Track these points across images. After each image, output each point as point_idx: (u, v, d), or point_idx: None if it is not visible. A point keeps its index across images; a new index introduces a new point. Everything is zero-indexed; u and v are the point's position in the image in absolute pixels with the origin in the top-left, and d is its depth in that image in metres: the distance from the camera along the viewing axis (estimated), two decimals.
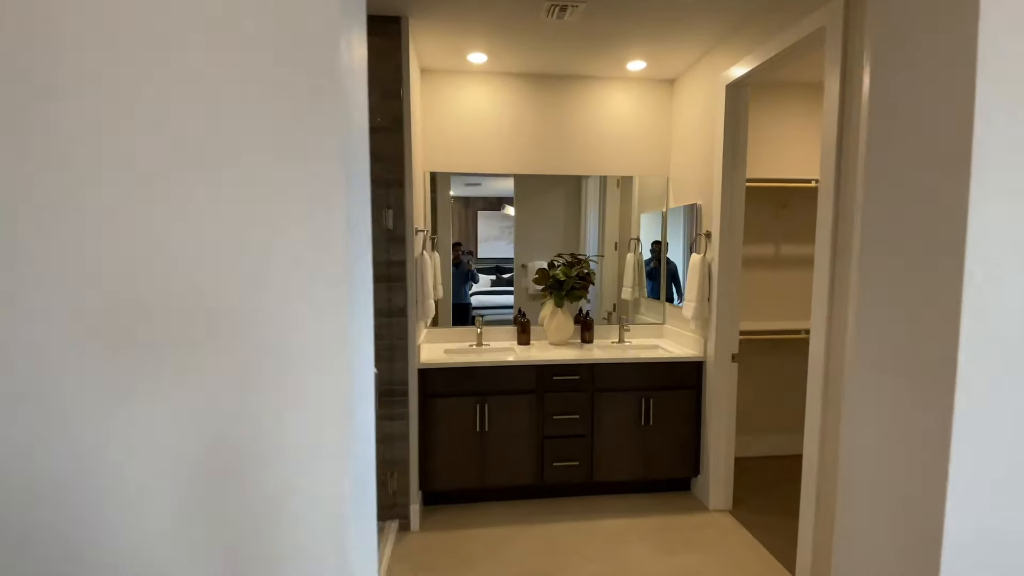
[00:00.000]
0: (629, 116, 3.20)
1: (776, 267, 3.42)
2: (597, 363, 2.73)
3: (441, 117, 3.05)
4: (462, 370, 2.64)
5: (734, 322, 2.66)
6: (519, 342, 3.10)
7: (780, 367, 3.47)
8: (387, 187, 2.39)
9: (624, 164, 3.24)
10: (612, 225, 3.32)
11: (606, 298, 3.36)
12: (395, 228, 2.41)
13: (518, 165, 3.15)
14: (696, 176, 2.87)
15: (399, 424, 2.50)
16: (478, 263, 3.28)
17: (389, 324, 2.45)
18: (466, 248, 3.25)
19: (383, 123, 2.36)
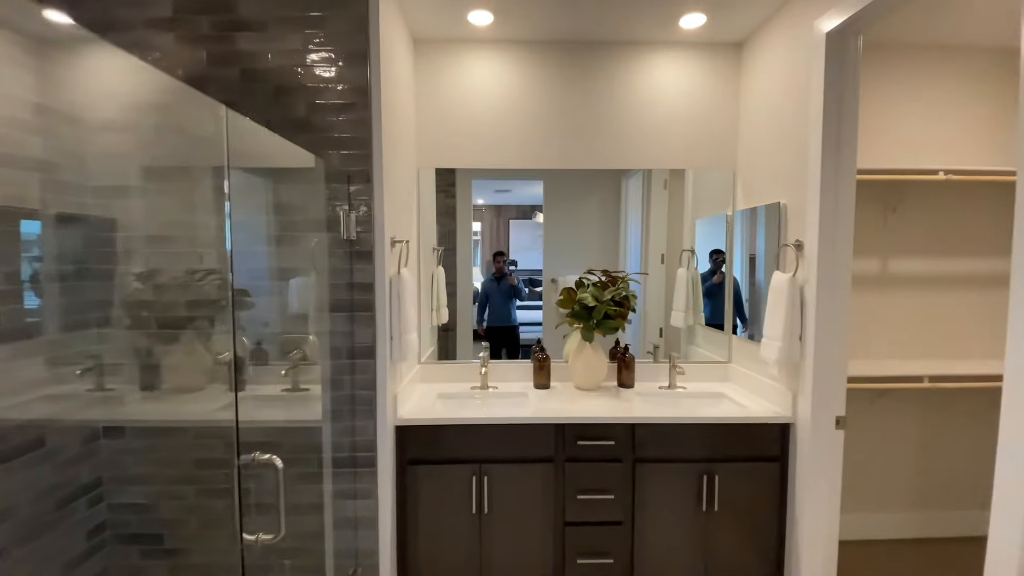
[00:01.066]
0: (682, 92, 2.45)
1: (883, 289, 2.57)
2: (640, 423, 1.98)
3: (441, 100, 2.41)
4: (453, 428, 1.96)
5: (839, 371, 1.85)
6: (536, 384, 2.39)
7: (897, 423, 2.58)
8: (347, 183, 1.76)
9: (675, 155, 2.49)
10: (658, 234, 2.58)
11: (651, 325, 2.60)
12: (360, 240, 1.77)
13: (539, 158, 2.47)
14: (778, 166, 2.09)
15: (364, 504, 1.84)
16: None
17: (351, 368, 1.80)
18: (509, 258, 2.62)
19: (349, 98, 1.73)
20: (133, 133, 1.76)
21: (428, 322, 2.54)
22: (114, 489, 1.85)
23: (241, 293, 1.86)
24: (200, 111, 1.65)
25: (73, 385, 1.73)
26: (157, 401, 1.86)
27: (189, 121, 1.67)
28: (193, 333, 1.84)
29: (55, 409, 1.66)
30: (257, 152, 1.76)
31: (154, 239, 1.80)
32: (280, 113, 1.73)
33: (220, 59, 1.72)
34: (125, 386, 1.84)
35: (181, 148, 1.72)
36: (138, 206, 1.78)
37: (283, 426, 1.83)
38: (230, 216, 1.32)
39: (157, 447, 1.84)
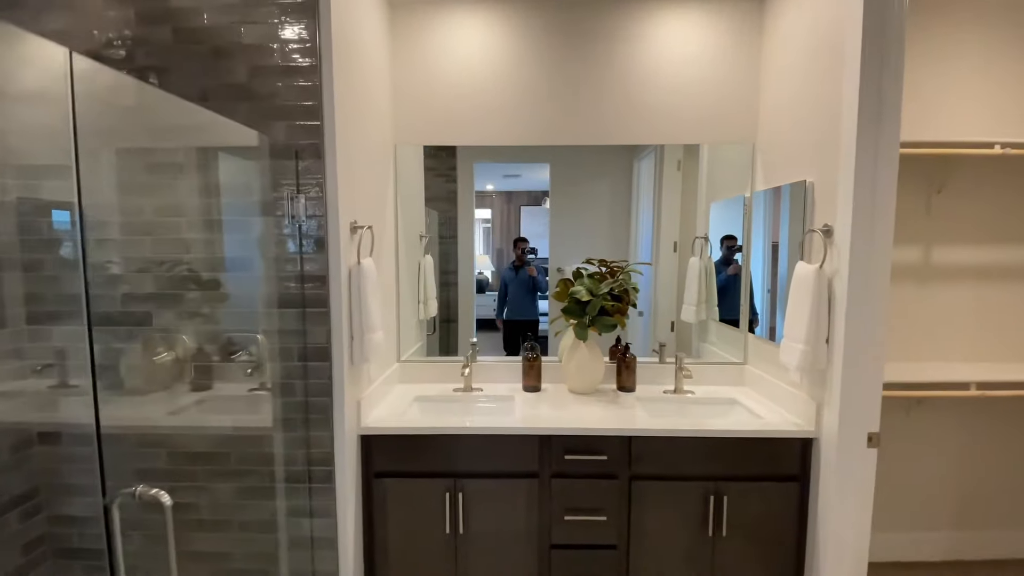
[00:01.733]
0: (696, 55, 2.15)
1: (924, 282, 2.24)
2: (637, 435, 1.73)
3: (427, 68, 2.15)
4: (425, 438, 1.74)
5: (873, 382, 1.56)
6: (525, 386, 2.15)
7: (936, 434, 2.28)
8: (295, 159, 1.53)
9: (689, 128, 2.19)
10: (670, 219, 2.30)
11: (662, 320, 2.34)
12: (311, 224, 1.54)
13: (542, 134, 2.19)
14: (806, 139, 1.79)
15: (322, 523, 1.64)
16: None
17: (303, 371, 1.59)
18: (530, 246, 2.38)
19: (296, 60, 1.49)
20: (57, 105, 1.56)
21: (414, 316, 2.32)
22: (53, 500, 1.69)
23: (211, 284, 1.66)
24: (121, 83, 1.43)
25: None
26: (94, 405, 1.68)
27: (111, 93, 1.45)
28: (144, 328, 1.65)
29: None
30: (190, 125, 1.54)
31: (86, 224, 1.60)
32: (218, 79, 1.50)
33: (151, 17, 1.50)
34: (59, 388, 1.66)
35: (105, 122, 1.50)
36: (65, 187, 1.58)
37: (230, 434, 1.64)
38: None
39: (93, 456, 1.67)
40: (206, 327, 1.62)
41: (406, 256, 2.27)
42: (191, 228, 1.58)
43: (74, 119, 0.97)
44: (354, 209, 1.67)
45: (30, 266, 1.62)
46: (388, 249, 2.13)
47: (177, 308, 1.63)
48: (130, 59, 1.51)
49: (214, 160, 1.59)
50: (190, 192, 1.59)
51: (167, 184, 1.58)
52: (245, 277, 1.61)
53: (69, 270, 1.63)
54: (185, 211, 1.58)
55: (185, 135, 1.57)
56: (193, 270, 1.60)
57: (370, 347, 1.67)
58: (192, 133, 1.56)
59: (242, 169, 1.57)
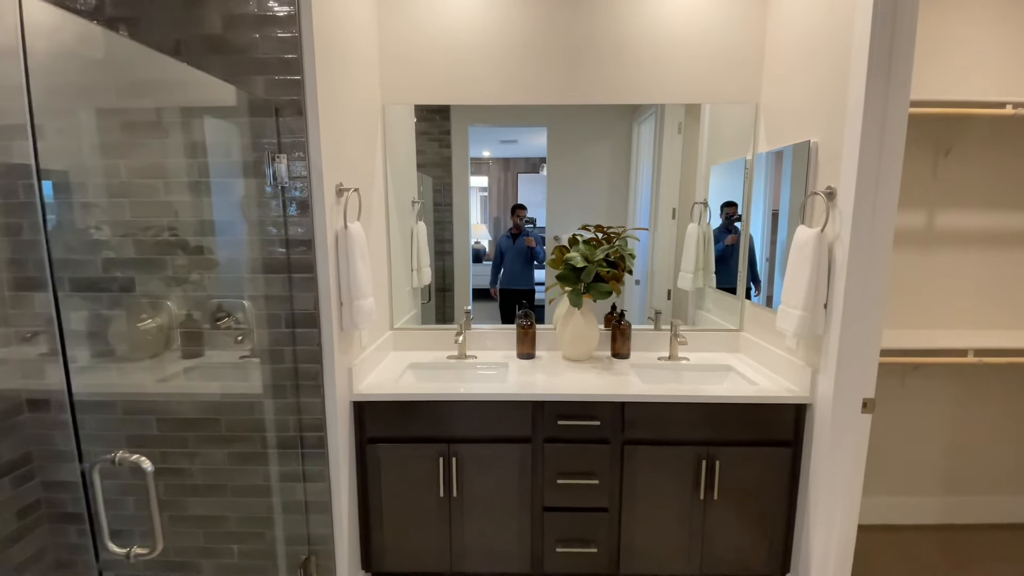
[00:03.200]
0: (697, 12, 2.04)
1: (927, 248, 2.20)
2: (629, 401, 1.72)
3: (418, 23, 2.05)
4: (418, 404, 1.73)
5: (871, 348, 1.54)
6: (519, 353, 2.14)
7: (930, 400, 2.28)
8: (275, 116, 1.46)
9: (690, 85, 2.10)
10: (669, 185, 2.23)
11: (659, 287, 2.30)
12: (295, 186, 1.49)
13: (538, 93, 2.10)
14: (811, 96, 1.71)
15: (316, 487, 1.64)
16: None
17: (292, 338, 1.56)
18: (527, 215, 2.31)
19: (274, 8, 1.40)
20: (20, 60, 1.47)
21: (407, 284, 2.28)
22: (45, 466, 1.69)
23: (194, 249, 1.61)
24: (89, 32, 1.35)
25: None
26: (84, 373, 1.67)
27: (80, 44, 1.37)
28: (129, 295, 1.61)
29: None
30: (165, 80, 1.46)
31: (62, 188, 1.55)
32: (191, 30, 1.42)
33: None
34: (49, 356, 1.64)
35: (74, 78, 1.43)
36: (44, 149, 1.52)
37: (219, 401, 1.63)
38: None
39: (85, 423, 1.66)
40: (192, 293, 1.59)
41: (398, 222, 2.22)
42: (171, 190, 1.52)
43: (27, 73, 0.91)
44: (340, 171, 1.61)
45: (9, 231, 1.57)
46: (378, 214, 2.08)
47: (161, 273, 1.59)
48: (99, 10, 1.43)
49: (192, 118, 1.52)
50: (168, 152, 1.52)
51: (143, 144, 1.52)
52: (228, 241, 1.57)
53: (51, 235, 1.58)
54: (164, 172, 1.52)
55: (160, 92, 1.49)
56: (176, 234, 1.55)
57: (360, 313, 1.64)
58: (168, 89, 1.48)
59: (221, 128, 1.50)
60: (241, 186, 1.49)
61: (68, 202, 1.57)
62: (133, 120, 1.51)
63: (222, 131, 1.49)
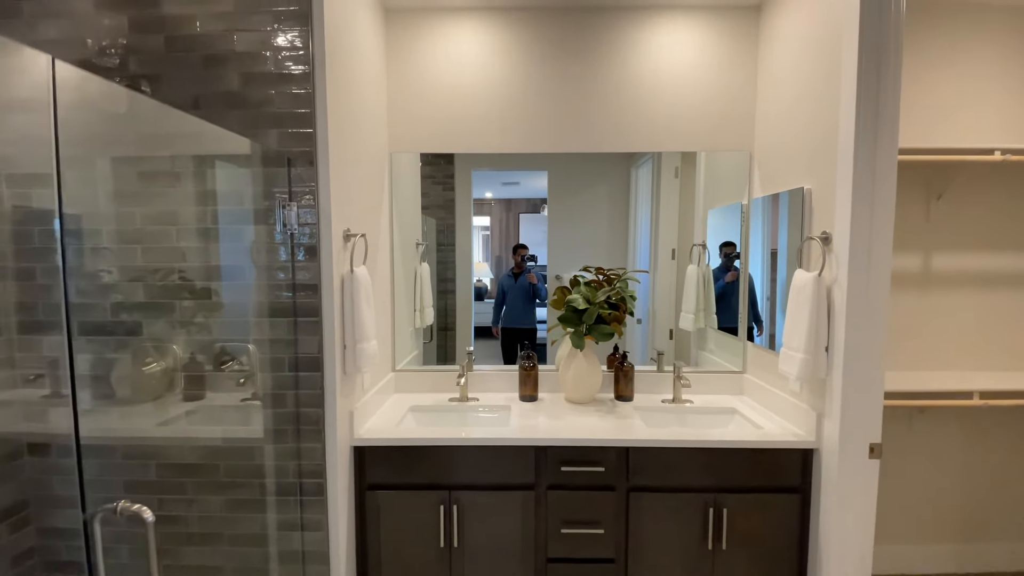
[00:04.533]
0: (693, 63, 2.14)
1: (925, 289, 2.22)
2: (634, 446, 1.70)
3: (422, 77, 2.15)
4: (418, 449, 1.71)
5: (874, 391, 1.53)
6: (521, 396, 2.13)
7: (938, 444, 2.24)
8: (287, 166, 1.51)
9: (686, 135, 2.18)
10: (668, 227, 2.28)
11: (660, 328, 2.31)
12: (303, 232, 1.53)
13: (538, 142, 2.18)
14: (803, 145, 1.77)
15: (314, 537, 1.61)
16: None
17: (294, 382, 1.57)
18: (529, 253, 2.35)
19: (289, 67, 1.49)
20: (47, 113, 1.55)
21: (410, 324, 2.30)
22: (42, 512, 1.66)
23: (202, 293, 1.64)
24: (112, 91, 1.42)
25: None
26: (86, 416, 1.66)
27: (103, 101, 1.45)
28: (135, 338, 1.63)
29: None
30: (182, 133, 1.53)
31: (75, 233, 1.59)
32: (210, 87, 1.50)
33: (144, 25, 1.50)
34: (51, 398, 1.64)
35: (96, 129, 1.50)
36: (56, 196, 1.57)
37: (220, 445, 1.62)
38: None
39: (84, 468, 1.64)
40: (197, 336, 1.61)
41: (402, 264, 2.26)
42: (183, 236, 1.57)
43: (56, 126, 0.96)
44: (347, 217, 1.66)
45: (22, 275, 1.60)
46: (383, 257, 2.12)
47: (168, 317, 1.61)
48: (123, 67, 1.51)
49: (207, 168, 1.58)
50: (182, 200, 1.57)
51: (159, 192, 1.57)
52: (237, 286, 1.60)
53: (59, 279, 1.61)
54: (177, 219, 1.57)
55: (177, 143, 1.56)
56: (185, 279, 1.58)
57: (363, 356, 1.65)
58: (184, 141, 1.55)
59: (234, 177, 1.56)
60: (251, 232, 1.54)
61: (79, 247, 1.61)
62: (150, 169, 1.58)
63: (236, 180, 1.55)
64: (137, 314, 1.59)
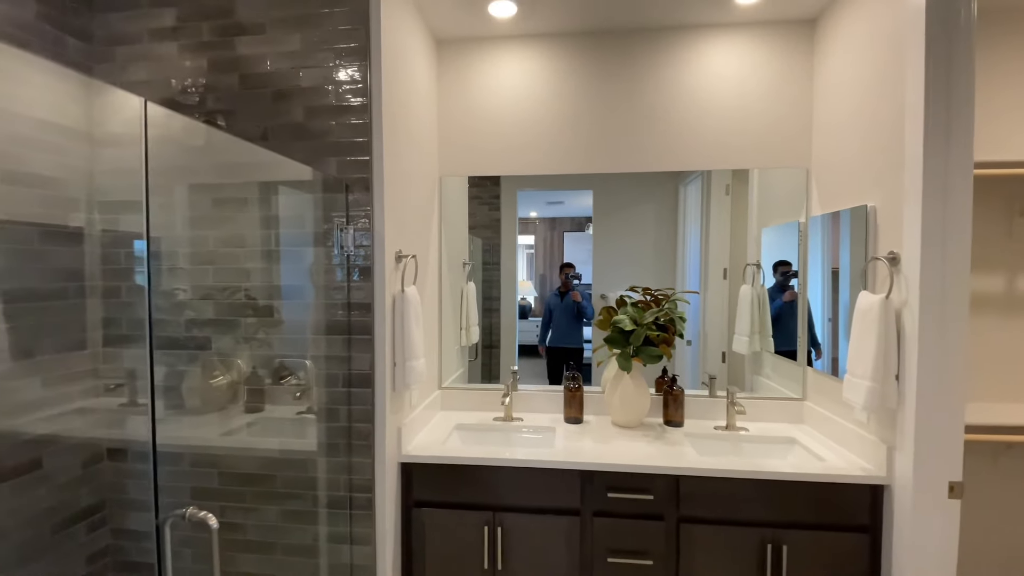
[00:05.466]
0: (743, 80, 2.10)
1: (1009, 312, 2.03)
2: (685, 474, 1.64)
3: (470, 104, 2.23)
4: (464, 468, 1.72)
5: (953, 423, 1.41)
6: (567, 417, 2.10)
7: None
8: (345, 192, 1.60)
9: (737, 153, 2.13)
10: (719, 246, 2.22)
11: (711, 350, 2.23)
12: (359, 254, 1.60)
13: (584, 163, 2.20)
14: (866, 161, 1.69)
15: (362, 551, 1.64)
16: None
17: (347, 397, 1.62)
18: (574, 271, 2.35)
19: (348, 100, 1.58)
20: (136, 147, 1.71)
21: (455, 342, 2.34)
22: (116, 514, 1.78)
23: (265, 309, 1.75)
24: (192, 126, 1.56)
25: (75, 404, 1.68)
26: (159, 424, 1.78)
27: (183, 135, 1.59)
28: (204, 352, 1.75)
29: (56, 428, 1.62)
30: (252, 163, 1.65)
31: (155, 254, 1.74)
32: (278, 120, 1.61)
33: (221, 66, 1.64)
34: (128, 406, 1.78)
35: (177, 161, 1.64)
36: (140, 221, 1.73)
37: (277, 457, 1.69)
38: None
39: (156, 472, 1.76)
40: (260, 352, 1.70)
41: (449, 283, 2.31)
42: (249, 258, 1.68)
43: (146, 160, 1.06)
44: (399, 239, 1.72)
45: (108, 293, 1.76)
46: (432, 277, 2.18)
47: (234, 333, 1.72)
48: (202, 104, 1.65)
49: (272, 194, 1.69)
50: (249, 224, 1.69)
51: (230, 217, 1.70)
52: (296, 304, 1.68)
53: (141, 296, 1.76)
54: (244, 242, 1.68)
55: (247, 172, 1.68)
56: (250, 297, 1.69)
57: (412, 374, 1.69)
58: (254, 170, 1.67)
59: (297, 203, 1.66)
60: (311, 254, 1.62)
61: (158, 267, 1.76)
62: (222, 196, 1.71)
63: (298, 205, 1.64)
64: (207, 329, 1.70)
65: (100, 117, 1.70)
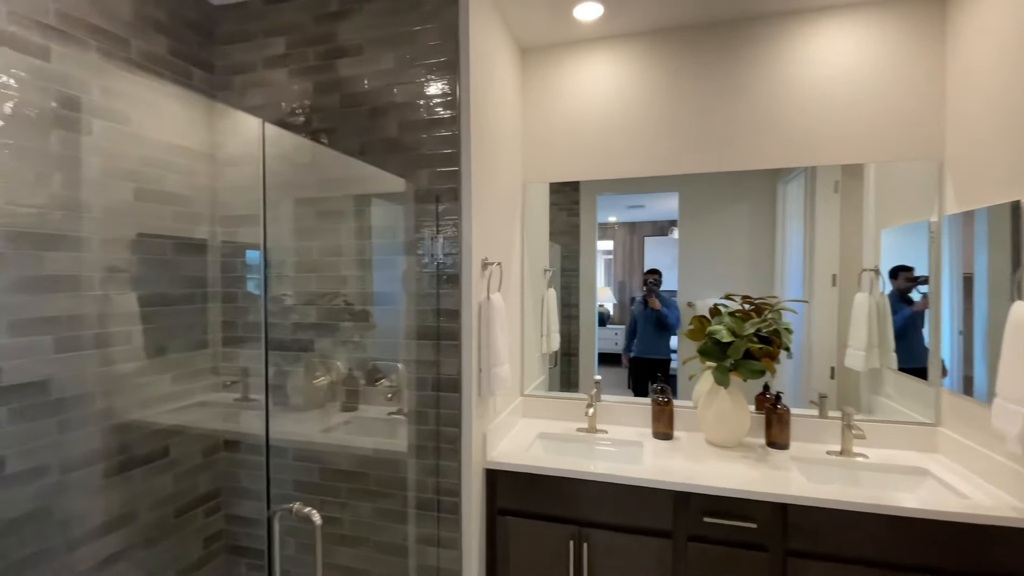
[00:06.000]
0: (854, 69, 1.90)
1: None
2: (794, 503, 1.48)
3: (553, 109, 2.22)
4: (548, 479, 1.69)
5: None
6: (655, 432, 2.00)
7: None
8: (435, 202, 1.64)
9: (849, 146, 1.93)
10: (828, 249, 2.01)
11: (817, 365, 2.03)
12: (448, 262, 1.63)
13: (671, 163, 2.11)
14: (1017, 151, 1.45)
15: (448, 554, 1.65)
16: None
17: (436, 401, 1.65)
18: (654, 278, 2.25)
19: (438, 113, 1.63)
20: (250, 166, 1.88)
21: (536, 349, 2.32)
22: (229, 501, 1.95)
23: (361, 314, 1.85)
24: (300, 144, 1.68)
25: (197, 398, 1.86)
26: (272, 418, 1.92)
27: (294, 152, 1.72)
28: (307, 353, 1.87)
29: (182, 420, 1.80)
30: (351, 177, 1.75)
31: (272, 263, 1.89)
32: (374, 135, 1.69)
33: (324, 87, 1.75)
34: (242, 401, 1.94)
35: (287, 177, 1.77)
36: (254, 232, 1.89)
37: (371, 455, 1.75)
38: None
39: (263, 465, 1.90)
40: (355, 354, 1.79)
41: (530, 290, 2.30)
42: (346, 266, 1.77)
43: (264, 177, 1.14)
44: (485, 247, 1.74)
45: (227, 298, 1.94)
46: (514, 284, 2.18)
47: (333, 336, 1.82)
48: (308, 124, 1.78)
49: (368, 206, 1.78)
50: (347, 234, 1.79)
51: (330, 228, 1.81)
52: (389, 310, 1.75)
53: (253, 301, 1.92)
54: (342, 251, 1.78)
55: (346, 185, 1.78)
56: (347, 303, 1.78)
57: (496, 380, 1.69)
58: (352, 183, 1.77)
59: (390, 213, 1.73)
60: (403, 262, 1.68)
61: (268, 275, 1.91)
62: (324, 209, 1.82)
63: (391, 216, 1.72)
64: (310, 332, 1.82)
65: (221, 140, 1.89)
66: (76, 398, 1.42)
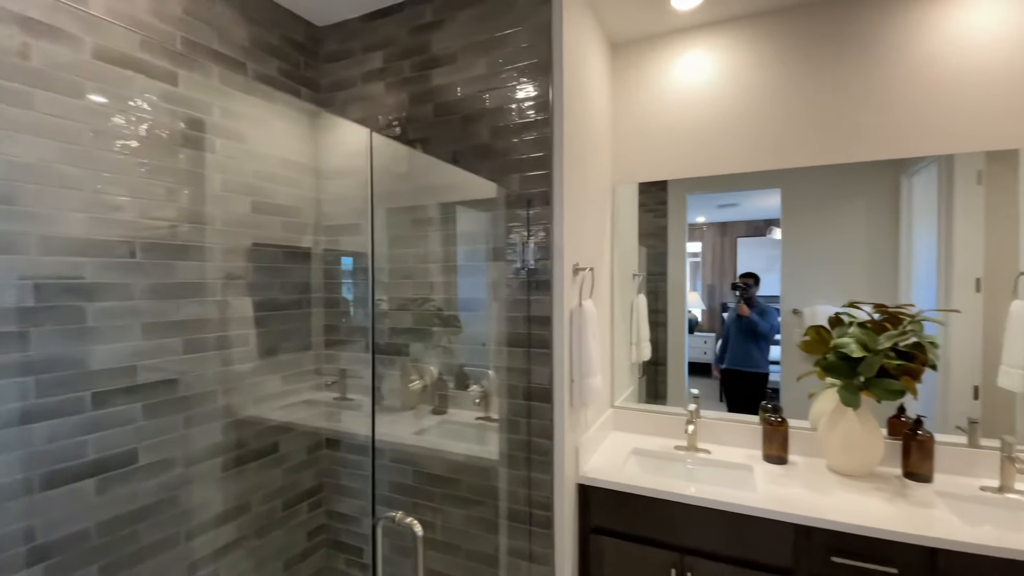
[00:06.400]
0: (1002, 39, 1.60)
1: None
2: (946, 548, 1.26)
3: (645, 105, 2.11)
4: (645, 500, 1.58)
5: None
6: (766, 455, 1.81)
7: None
8: (526, 207, 1.60)
9: (994, 128, 1.63)
10: (968, 250, 1.72)
11: (957, 384, 1.73)
12: (538, 268, 1.59)
13: (775, 157, 1.92)
14: None
15: (540, 570, 1.60)
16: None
17: (527, 410, 1.61)
18: (745, 283, 2.08)
19: (530, 116, 1.59)
20: (351, 178, 1.97)
21: (626, 359, 2.21)
22: (330, 497, 2.04)
23: (451, 320, 1.87)
24: (397, 152, 1.72)
25: (303, 397, 1.97)
26: (366, 419, 1.99)
27: (392, 163, 1.76)
28: (401, 357, 1.92)
29: (290, 417, 1.91)
30: (444, 184, 1.76)
31: (363, 271, 1.96)
32: (466, 142, 1.69)
33: (418, 98, 1.79)
34: (340, 400, 2.02)
35: (387, 187, 1.82)
36: (358, 241, 1.97)
37: (463, 461, 1.75)
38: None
39: (362, 464, 1.97)
40: (446, 359, 1.80)
41: (620, 296, 2.19)
42: (440, 272, 1.79)
43: (371, 187, 1.17)
44: (576, 251, 1.67)
45: (329, 303, 2.04)
46: (604, 290, 2.09)
47: (426, 341, 1.84)
48: (404, 134, 1.82)
49: (461, 212, 1.79)
50: (440, 241, 1.81)
51: (424, 235, 1.84)
52: (480, 316, 1.74)
53: (354, 306, 2.00)
54: (436, 257, 1.80)
55: (440, 193, 1.80)
56: (439, 309, 1.80)
57: (589, 391, 1.61)
58: (446, 191, 1.79)
59: (481, 219, 1.72)
60: (494, 268, 1.66)
61: (364, 281, 1.98)
62: (419, 217, 1.86)
63: (483, 221, 1.71)
64: (404, 337, 1.86)
65: (324, 154, 2.00)
66: (200, 396, 1.55)
